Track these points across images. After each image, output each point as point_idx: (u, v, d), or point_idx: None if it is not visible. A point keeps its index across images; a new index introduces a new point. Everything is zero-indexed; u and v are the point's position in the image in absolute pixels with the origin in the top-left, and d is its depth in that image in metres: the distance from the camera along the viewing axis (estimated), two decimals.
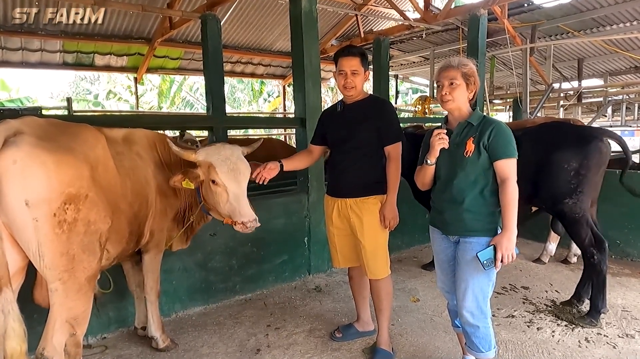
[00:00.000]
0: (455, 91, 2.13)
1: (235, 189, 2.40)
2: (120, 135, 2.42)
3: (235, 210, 2.39)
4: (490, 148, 2.08)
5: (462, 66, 2.13)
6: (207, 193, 2.48)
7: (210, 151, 2.44)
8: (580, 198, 3.16)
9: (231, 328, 3.23)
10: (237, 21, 8.85)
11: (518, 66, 7.62)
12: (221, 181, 2.39)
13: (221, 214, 2.50)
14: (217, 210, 2.49)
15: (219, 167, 2.38)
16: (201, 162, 2.42)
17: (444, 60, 2.22)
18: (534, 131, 3.41)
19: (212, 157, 2.41)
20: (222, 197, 2.41)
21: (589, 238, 3.17)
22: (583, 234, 3.17)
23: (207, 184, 2.45)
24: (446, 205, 2.23)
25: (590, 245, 3.16)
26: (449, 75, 2.14)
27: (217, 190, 2.41)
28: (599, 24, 7.67)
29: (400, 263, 4.66)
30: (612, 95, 8.64)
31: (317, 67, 4.24)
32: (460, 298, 2.21)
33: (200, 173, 2.44)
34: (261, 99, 19.72)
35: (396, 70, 11.84)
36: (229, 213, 2.41)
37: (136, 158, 2.43)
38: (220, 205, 2.42)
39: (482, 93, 6.19)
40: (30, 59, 8.18)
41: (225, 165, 2.40)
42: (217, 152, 2.43)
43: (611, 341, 2.94)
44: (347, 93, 2.66)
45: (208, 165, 2.41)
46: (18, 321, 1.76)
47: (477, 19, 5.97)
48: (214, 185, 2.41)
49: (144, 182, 2.43)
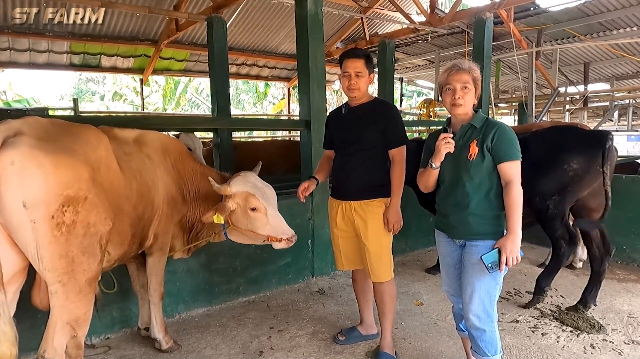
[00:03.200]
0: (467, 95, 2.12)
1: (272, 212, 2.64)
2: (132, 135, 2.43)
3: (278, 230, 2.63)
4: (494, 150, 2.07)
5: (472, 70, 2.12)
6: (241, 220, 2.63)
7: (241, 182, 2.63)
8: (565, 198, 3.27)
9: (234, 330, 3.22)
10: (243, 23, 8.89)
11: (524, 70, 7.60)
12: (262, 207, 2.60)
13: (259, 236, 2.64)
14: (256, 233, 2.63)
15: (258, 194, 2.60)
16: (237, 193, 2.59)
17: (452, 63, 2.18)
18: (540, 133, 3.47)
19: (247, 187, 2.61)
20: (262, 221, 2.61)
21: (562, 231, 3.35)
22: (557, 228, 3.35)
23: (242, 212, 2.61)
24: (451, 209, 2.22)
25: (562, 238, 3.37)
26: (461, 78, 2.10)
27: (257, 216, 2.61)
28: (605, 28, 7.62)
29: (404, 266, 4.64)
30: (619, 99, 8.60)
31: (323, 69, 4.25)
32: (466, 302, 2.19)
33: (233, 204, 2.59)
34: (266, 101, 19.77)
35: (401, 73, 11.82)
36: (270, 233, 2.62)
37: (145, 159, 2.43)
38: (260, 229, 2.62)
39: (487, 97, 6.17)
40: (38, 59, 8.26)
41: (260, 192, 2.62)
42: (247, 182, 2.64)
43: (617, 347, 2.91)
44: (351, 95, 2.66)
45: (246, 196, 2.59)
46: (10, 325, 1.74)
47: (483, 22, 5.96)
48: (253, 212, 2.60)
49: (151, 184, 2.42)
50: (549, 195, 3.28)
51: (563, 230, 3.35)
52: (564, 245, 3.36)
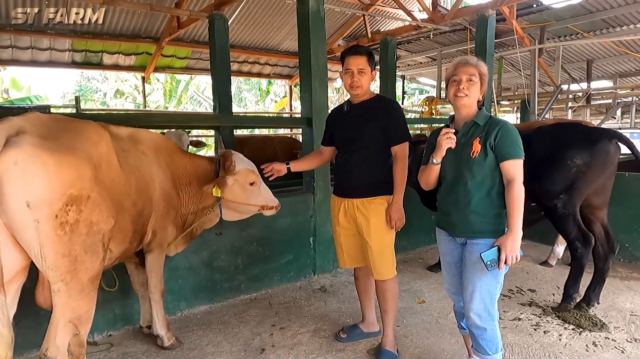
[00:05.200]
0: (472, 87, 2.12)
1: (263, 184, 2.95)
2: (126, 132, 2.42)
3: (269, 199, 2.96)
4: (496, 148, 2.06)
5: (480, 66, 2.14)
6: (237, 195, 2.84)
7: (241, 160, 2.88)
8: (573, 195, 3.21)
9: (236, 327, 3.23)
10: (245, 21, 8.88)
11: (526, 67, 7.56)
12: (258, 181, 2.89)
13: (254, 207, 2.93)
14: (252, 204, 2.91)
15: (254, 170, 2.89)
16: (241, 171, 2.83)
17: (460, 57, 2.21)
18: (544, 129, 3.45)
19: (246, 164, 2.89)
20: (257, 193, 2.91)
21: (575, 232, 3.28)
22: (570, 229, 3.28)
23: (240, 187, 2.83)
24: (452, 207, 2.21)
25: (576, 239, 3.29)
26: (468, 70, 2.12)
27: (254, 189, 2.88)
28: (608, 24, 7.58)
29: (406, 264, 4.64)
30: (622, 97, 8.54)
31: (324, 66, 4.24)
32: (467, 300, 2.19)
33: (232, 181, 2.79)
34: (268, 99, 19.77)
35: (403, 71, 11.80)
36: (264, 203, 2.94)
37: (141, 156, 2.43)
38: (255, 200, 2.91)
39: (490, 94, 6.15)
40: (40, 57, 8.26)
41: (254, 167, 2.92)
42: (244, 159, 2.92)
43: (619, 345, 2.90)
44: (354, 92, 2.65)
45: (247, 172, 2.84)
46: (7, 327, 1.74)
47: (486, 19, 5.93)
48: (251, 186, 2.86)
49: (149, 180, 2.43)
50: (556, 193, 3.23)
51: (577, 231, 3.27)
52: (580, 246, 3.28)
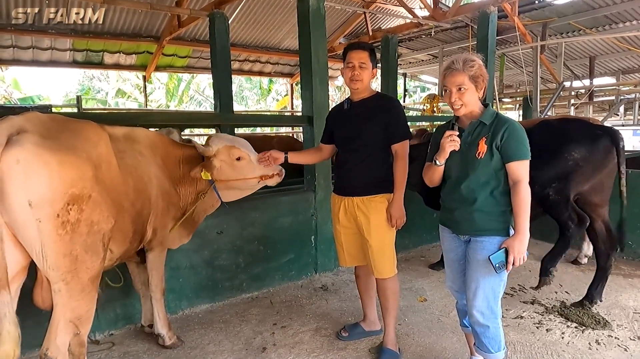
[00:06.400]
0: (464, 96, 2.05)
1: (254, 156, 2.82)
2: (121, 133, 2.41)
3: (265, 168, 2.82)
4: (503, 149, 2.03)
5: (468, 69, 2.01)
6: (230, 173, 2.77)
7: (217, 139, 2.78)
8: (566, 186, 3.21)
9: (237, 326, 3.23)
10: (245, 19, 8.86)
11: (528, 64, 7.54)
12: (245, 154, 2.78)
13: (252, 181, 2.82)
14: (249, 178, 2.80)
15: (238, 145, 2.78)
16: (220, 149, 2.73)
17: (449, 60, 2.08)
18: (549, 123, 3.46)
19: (226, 142, 2.77)
20: (250, 166, 2.79)
21: (569, 213, 3.25)
22: (562, 210, 3.25)
23: (229, 166, 2.75)
24: (457, 205, 2.20)
25: (569, 219, 3.25)
26: (456, 81, 2.03)
27: (243, 163, 2.78)
28: (611, 21, 7.54)
29: (407, 262, 4.63)
30: (625, 93, 8.51)
31: (325, 64, 4.22)
32: (470, 298, 2.18)
33: (218, 162, 2.72)
34: (270, 97, 19.75)
35: (405, 69, 11.77)
36: (262, 173, 2.82)
37: (138, 156, 2.42)
38: (251, 173, 2.80)
39: (491, 92, 6.12)
40: (41, 57, 8.27)
41: (237, 142, 2.80)
42: (222, 137, 2.82)
43: (622, 343, 2.89)
44: (354, 87, 2.62)
45: (228, 149, 2.74)
46: (14, 325, 1.75)
47: (487, 16, 5.90)
48: (239, 161, 2.76)
49: (147, 180, 2.42)
50: (548, 182, 3.24)
51: (570, 212, 3.26)
52: (572, 225, 3.26)
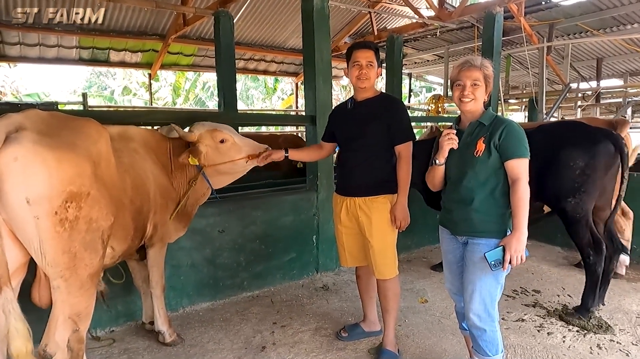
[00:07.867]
0: (477, 91, 2.10)
1: (239, 137, 2.83)
2: (115, 131, 2.42)
3: (253, 147, 2.83)
4: (501, 147, 2.04)
5: (484, 67, 2.10)
6: (216, 158, 2.76)
7: (199, 125, 2.80)
8: (582, 199, 3.13)
9: (237, 325, 3.23)
10: (250, 18, 8.87)
11: (534, 65, 7.47)
12: (228, 136, 2.77)
13: (239, 162, 2.79)
14: (236, 160, 2.78)
15: (219, 128, 2.79)
16: (203, 134, 2.73)
17: (464, 59, 2.17)
18: (546, 128, 3.39)
19: (207, 127, 2.78)
20: (235, 147, 2.78)
21: (588, 238, 3.18)
22: (582, 234, 3.18)
23: (214, 150, 2.75)
24: (455, 205, 2.20)
25: (588, 246, 3.18)
26: (472, 75, 2.09)
27: (227, 145, 2.77)
28: (619, 22, 7.47)
29: (409, 263, 4.61)
30: (632, 95, 8.42)
31: (328, 64, 4.21)
32: (467, 301, 2.17)
33: (203, 148, 2.72)
34: (275, 96, 19.77)
35: (410, 69, 11.72)
36: (248, 152, 2.80)
37: (134, 154, 2.44)
38: (238, 154, 2.78)
39: (497, 92, 6.09)
40: (48, 54, 8.35)
41: (220, 126, 2.82)
42: (204, 124, 2.82)
43: (624, 348, 2.87)
44: (361, 85, 2.61)
45: (210, 133, 2.74)
46: (21, 321, 1.75)
47: (493, 16, 5.87)
48: (223, 144, 2.75)
49: (144, 177, 2.44)
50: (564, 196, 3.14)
51: (589, 236, 3.16)
52: (592, 253, 3.16)
